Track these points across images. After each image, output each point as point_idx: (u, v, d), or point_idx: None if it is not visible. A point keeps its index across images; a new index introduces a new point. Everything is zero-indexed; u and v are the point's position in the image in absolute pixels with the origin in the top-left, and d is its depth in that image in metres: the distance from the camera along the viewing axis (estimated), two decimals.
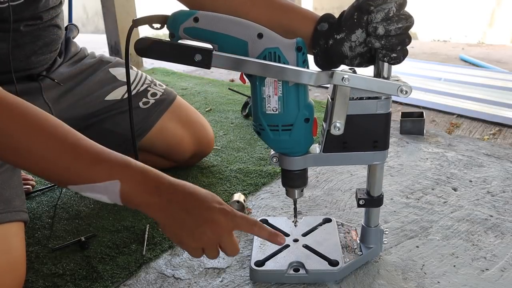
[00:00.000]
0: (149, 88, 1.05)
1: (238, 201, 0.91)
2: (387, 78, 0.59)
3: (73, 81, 0.98)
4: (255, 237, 0.80)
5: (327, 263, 0.71)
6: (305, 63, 0.59)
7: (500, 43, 3.54)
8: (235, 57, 0.58)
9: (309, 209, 0.93)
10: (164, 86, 1.09)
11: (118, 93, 1.02)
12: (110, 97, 1.00)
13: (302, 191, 0.70)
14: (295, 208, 0.74)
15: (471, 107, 1.56)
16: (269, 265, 0.72)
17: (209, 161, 1.19)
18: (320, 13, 0.63)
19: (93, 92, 0.99)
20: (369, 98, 0.61)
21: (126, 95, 1.01)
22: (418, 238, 0.81)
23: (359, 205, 0.70)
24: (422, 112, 1.34)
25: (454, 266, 0.73)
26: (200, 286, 0.72)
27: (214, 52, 0.59)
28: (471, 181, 1.02)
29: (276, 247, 0.76)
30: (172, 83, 2.14)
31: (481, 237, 0.81)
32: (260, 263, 0.73)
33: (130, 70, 1.06)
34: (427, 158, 1.15)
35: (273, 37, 0.58)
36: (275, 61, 0.58)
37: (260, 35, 0.58)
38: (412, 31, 0.56)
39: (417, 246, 0.79)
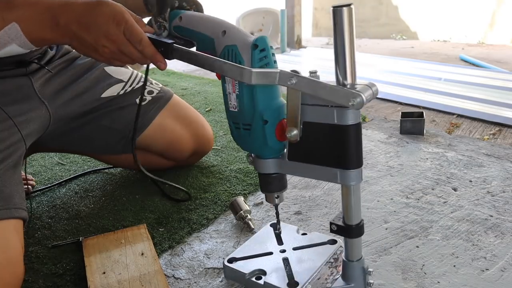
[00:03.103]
0: (145, 86, 1.05)
1: (246, 210, 0.89)
2: (345, 86, 0.51)
3: (67, 77, 0.97)
4: (251, 238, 0.80)
5: (287, 282, 0.67)
6: (263, 61, 0.57)
7: (500, 43, 3.54)
8: (188, 51, 0.60)
9: (309, 209, 0.93)
10: (160, 85, 1.10)
11: (114, 90, 1.01)
12: (107, 94, 1.00)
13: (279, 196, 0.66)
14: (276, 213, 0.70)
15: (471, 107, 1.56)
16: (238, 265, 0.72)
17: (209, 161, 1.19)
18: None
19: (89, 90, 0.99)
20: (325, 104, 0.53)
21: (121, 92, 1.01)
22: (418, 238, 0.81)
23: (331, 230, 0.61)
24: (422, 112, 1.34)
25: (454, 266, 0.73)
26: (200, 286, 0.72)
27: (174, 45, 0.62)
28: (471, 181, 1.02)
29: (259, 251, 0.75)
30: (172, 83, 2.14)
31: (481, 237, 0.81)
32: (233, 260, 0.73)
33: (125, 69, 1.06)
34: (427, 158, 1.15)
35: (234, 34, 0.58)
36: (232, 59, 0.58)
37: (223, 33, 0.59)
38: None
39: (417, 246, 0.79)
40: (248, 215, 0.88)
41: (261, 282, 0.68)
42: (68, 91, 0.95)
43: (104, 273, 0.72)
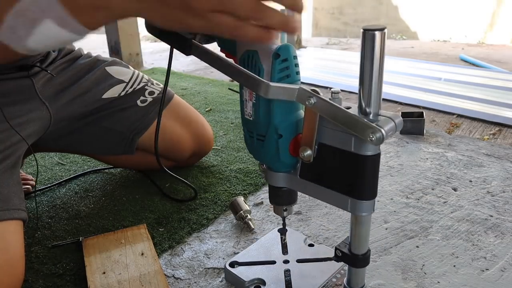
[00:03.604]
0: (146, 87, 1.05)
1: (246, 210, 0.90)
2: (367, 114, 0.48)
3: (68, 78, 0.97)
4: (257, 242, 0.80)
5: None
6: (284, 72, 0.53)
7: (500, 43, 3.54)
8: (207, 51, 0.56)
9: (309, 209, 0.93)
10: (161, 85, 1.09)
11: (115, 91, 1.01)
12: (108, 95, 1.00)
13: (287, 209, 0.64)
14: (283, 224, 0.68)
15: (471, 107, 1.56)
16: (238, 270, 0.71)
17: (209, 161, 1.19)
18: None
19: (90, 90, 0.99)
20: (344, 130, 0.49)
21: (123, 93, 1.01)
22: (418, 238, 0.81)
23: (335, 255, 0.58)
24: (422, 112, 1.34)
25: (454, 266, 0.73)
26: (200, 286, 0.72)
27: (193, 41, 0.57)
28: (471, 181, 1.02)
29: (263, 258, 0.74)
30: (172, 83, 2.14)
31: (481, 237, 0.81)
32: (235, 264, 0.72)
33: (126, 69, 1.06)
34: (427, 158, 1.15)
35: None
36: (251, 65, 0.54)
37: None
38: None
39: (417, 246, 0.79)
40: (248, 215, 0.88)
41: None
42: (69, 91, 0.95)
43: (104, 273, 0.72)
